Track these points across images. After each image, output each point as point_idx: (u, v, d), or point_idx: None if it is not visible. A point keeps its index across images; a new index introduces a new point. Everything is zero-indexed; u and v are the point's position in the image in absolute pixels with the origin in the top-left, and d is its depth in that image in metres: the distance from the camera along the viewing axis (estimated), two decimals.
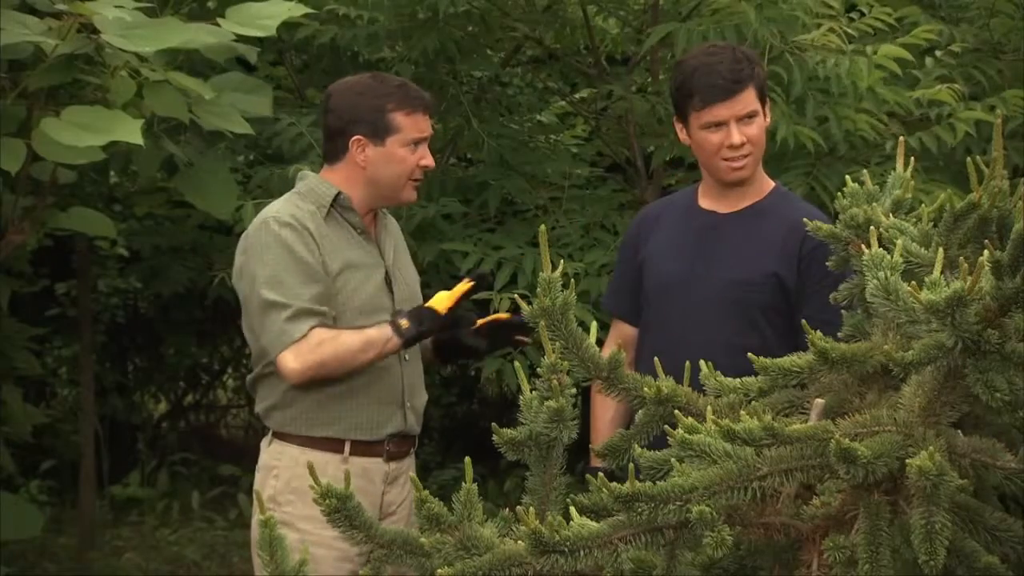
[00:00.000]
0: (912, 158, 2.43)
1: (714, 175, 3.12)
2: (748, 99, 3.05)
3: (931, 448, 1.73)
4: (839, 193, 2.39)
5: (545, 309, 2.13)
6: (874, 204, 2.34)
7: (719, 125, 3.03)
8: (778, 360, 2.06)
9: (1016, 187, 2.17)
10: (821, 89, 4.30)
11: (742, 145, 3.04)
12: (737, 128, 3.03)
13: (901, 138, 2.63)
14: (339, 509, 1.94)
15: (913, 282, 1.83)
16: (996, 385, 1.78)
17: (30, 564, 5.73)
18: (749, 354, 2.13)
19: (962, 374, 1.83)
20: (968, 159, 2.23)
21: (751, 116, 3.05)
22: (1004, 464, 1.82)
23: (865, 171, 2.52)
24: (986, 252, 1.81)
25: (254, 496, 1.95)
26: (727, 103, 3.02)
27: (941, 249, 1.94)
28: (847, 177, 2.44)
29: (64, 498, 6.41)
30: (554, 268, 2.17)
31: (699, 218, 3.15)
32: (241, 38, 3.95)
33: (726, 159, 3.06)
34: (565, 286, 2.15)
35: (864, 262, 1.92)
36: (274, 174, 4.70)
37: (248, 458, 7.37)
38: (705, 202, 3.16)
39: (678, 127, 3.16)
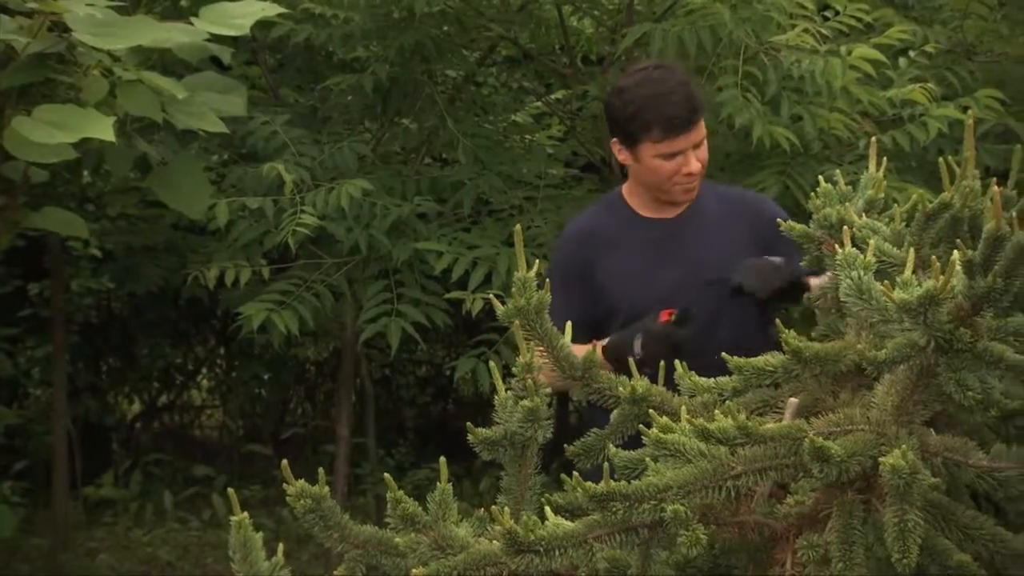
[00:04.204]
0: (884, 158, 2.44)
1: (662, 196, 3.06)
2: (702, 127, 3.00)
3: (904, 447, 1.74)
4: (812, 193, 2.39)
5: (520, 308, 2.12)
6: (847, 204, 2.35)
7: (675, 155, 2.97)
8: (752, 360, 2.07)
9: (987, 187, 2.18)
10: (795, 89, 4.32)
11: (698, 171, 3.02)
12: (694, 155, 2.98)
13: (873, 138, 2.63)
14: (313, 509, 1.94)
15: (886, 281, 1.84)
16: (968, 384, 1.79)
17: (2, 565, 5.70)
18: (723, 354, 2.15)
19: (934, 373, 1.84)
20: (940, 159, 2.24)
21: (701, 142, 3.01)
22: (976, 462, 1.83)
23: (838, 171, 2.52)
24: (957, 251, 1.82)
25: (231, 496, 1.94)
26: (687, 135, 2.96)
27: (912, 248, 1.95)
28: (820, 177, 2.44)
29: (37, 499, 6.37)
30: (529, 268, 2.16)
31: (652, 229, 3.07)
32: (215, 37, 3.94)
33: (680, 184, 3.01)
34: (540, 286, 2.14)
35: (837, 262, 1.93)
36: (248, 173, 4.69)
37: (222, 459, 7.39)
38: (647, 212, 3.09)
39: (618, 148, 3.04)
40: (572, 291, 3.00)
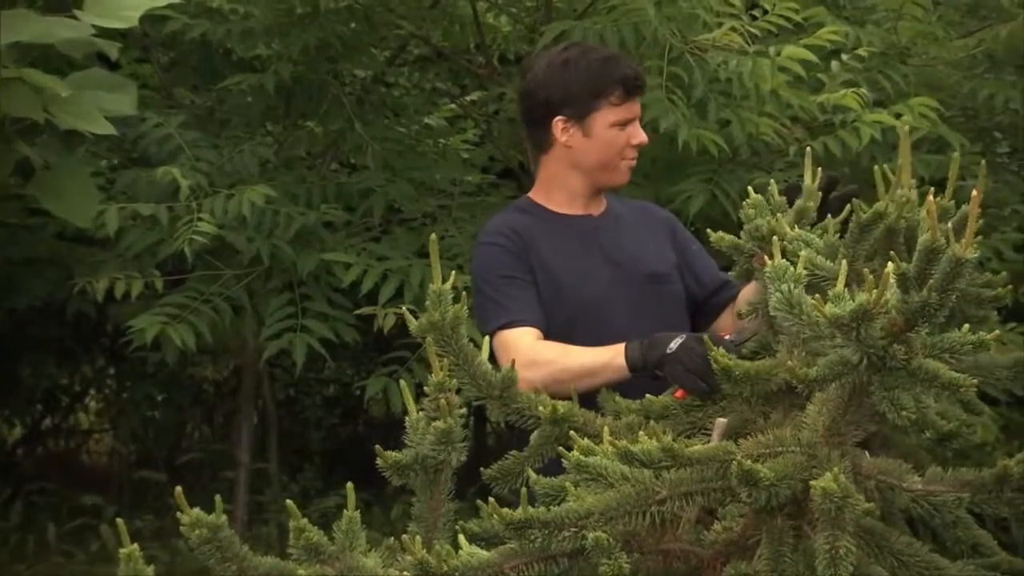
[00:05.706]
0: (819, 168, 2.46)
1: (604, 179, 3.03)
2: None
3: (835, 470, 1.76)
4: (744, 203, 2.41)
5: (434, 323, 2.11)
6: (778, 215, 2.37)
7: (625, 124, 2.97)
8: None
9: (924, 197, 2.22)
10: (723, 92, 4.36)
11: (644, 143, 3.03)
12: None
13: (809, 148, 2.67)
14: (209, 540, 1.91)
15: (817, 295, 1.86)
16: (902, 403, 1.81)
17: None
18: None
19: (867, 391, 1.86)
20: (876, 168, 2.28)
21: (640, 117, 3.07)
22: (911, 486, 1.85)
23: (772, 180, 2.55)
24: (891, 263, 1.84)
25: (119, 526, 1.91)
26: (637, 101, 3.00)
27: (845, 260, 1.97)
28: (749, 188, 2.46)
29: None
30: (445, 280, 2.15)
31: (575, 225, 3.04)
32: (101, 32, 3.89)
33: (626, 159, 3.00)
34: (456, 299, 2.13)
35: (766, 275, 1.94)
36: (140, 178, 4.64)
37: (112, 487, 7.28)
38: (566, 210, 3.05)
39: (563, 127, 2.97)
40: (524, 285, 2.94)
